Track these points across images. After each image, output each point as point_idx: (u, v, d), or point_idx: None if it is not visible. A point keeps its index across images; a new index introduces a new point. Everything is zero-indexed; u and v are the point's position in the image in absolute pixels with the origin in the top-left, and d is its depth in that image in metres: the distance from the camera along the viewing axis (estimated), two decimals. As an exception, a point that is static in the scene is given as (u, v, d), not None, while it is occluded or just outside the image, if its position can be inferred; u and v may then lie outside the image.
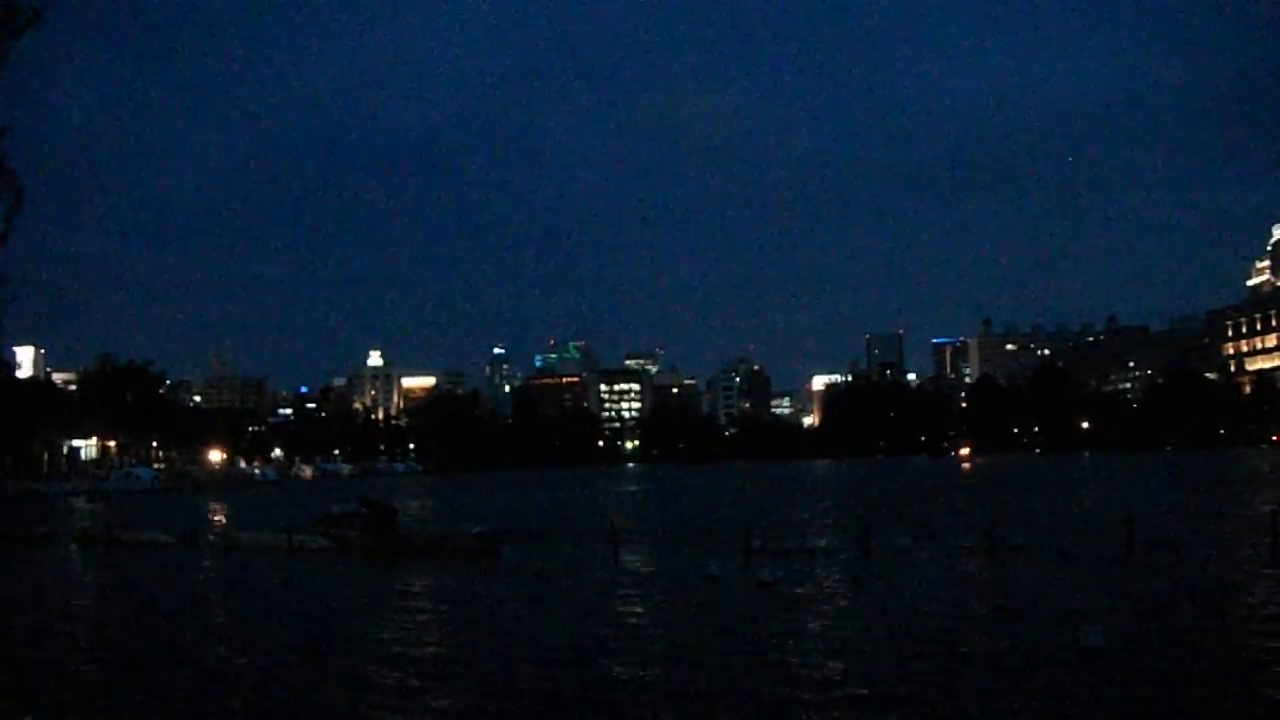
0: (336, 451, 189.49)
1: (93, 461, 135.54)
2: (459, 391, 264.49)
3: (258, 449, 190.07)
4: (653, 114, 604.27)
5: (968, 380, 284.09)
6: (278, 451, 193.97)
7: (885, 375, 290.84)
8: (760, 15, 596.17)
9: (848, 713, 12.63)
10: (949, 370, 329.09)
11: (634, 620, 19.53)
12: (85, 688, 15.11)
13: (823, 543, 32.38)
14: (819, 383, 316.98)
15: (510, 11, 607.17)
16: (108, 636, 19.85)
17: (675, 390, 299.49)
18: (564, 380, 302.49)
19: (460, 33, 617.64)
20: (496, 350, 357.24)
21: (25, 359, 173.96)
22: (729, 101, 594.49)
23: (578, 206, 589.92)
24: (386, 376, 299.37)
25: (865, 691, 13.55)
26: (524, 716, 12.92)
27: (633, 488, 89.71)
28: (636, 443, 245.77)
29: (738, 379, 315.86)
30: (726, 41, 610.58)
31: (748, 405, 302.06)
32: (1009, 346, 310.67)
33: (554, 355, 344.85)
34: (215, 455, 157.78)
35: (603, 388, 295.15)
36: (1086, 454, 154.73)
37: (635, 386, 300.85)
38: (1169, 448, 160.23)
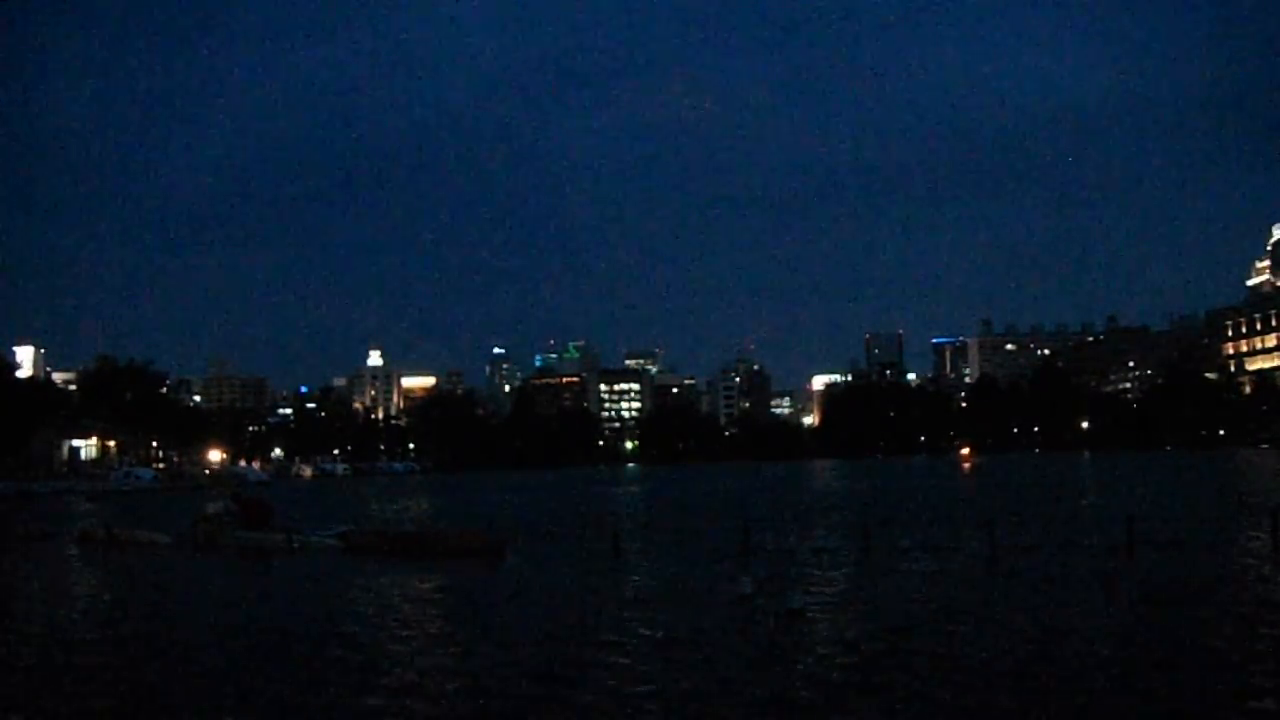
0: (336, 451, 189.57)
1: (93, 461, 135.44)
2: (459, 391, 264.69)
3: (258, 449, 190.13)
4: (653, 114, 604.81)
5: (968, 380, 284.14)
6: (278, 451, 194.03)
7: (885, 375, 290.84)
8: (762, 15, 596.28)
9: None
10: (949, 370, 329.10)
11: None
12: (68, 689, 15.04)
13: (828, 545, 32.22)
14: (819, 383, 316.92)
15: (510, 12, 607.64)
16: (91, 639, 19.79)
17: (675, 390, 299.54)
18: (564, 380, 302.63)
19: (460, 33, 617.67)
20: (496, 350, 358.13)
21: (25, 359, 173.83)
22: (729, 102, 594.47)
23: (577, 207, 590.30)
24: (386, 376, 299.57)
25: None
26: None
27: (633, 489, 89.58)
28: (636, 443, 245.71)
29: (738, 379, 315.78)
30: (727, 42, 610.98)
31: (748, 405, 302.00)
32: (1009, 346, 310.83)
33: (554, 355, 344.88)
34: (215, 455, 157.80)
35: (602, 388, 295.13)
36: (1086, 454, 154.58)
37: (635, 386, 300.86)
38: (1169, 448, 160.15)
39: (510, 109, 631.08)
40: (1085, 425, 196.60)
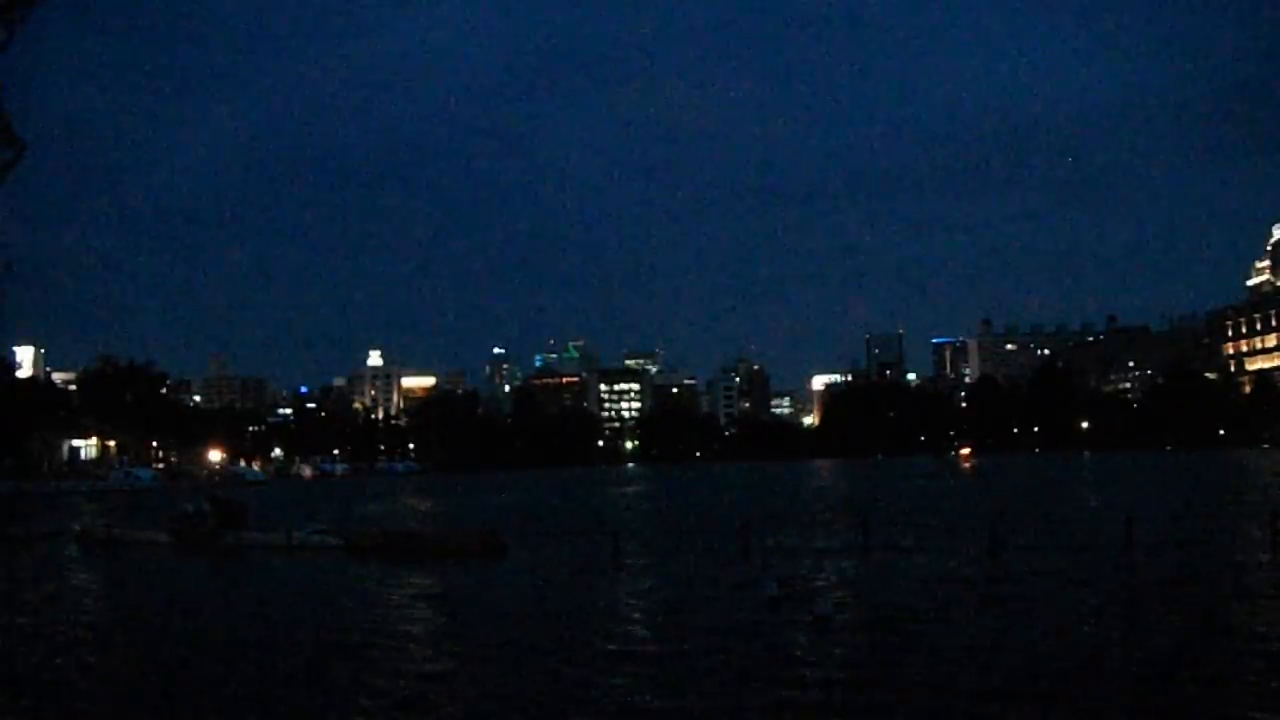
0: (336, 451, 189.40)
1: (93, 461, 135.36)
2: (459, 391, 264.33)
3: (258, 449, 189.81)
4: (652, 113, 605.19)
5: (968, 380, 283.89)
6: (278, 451, 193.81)
7: (885, 375, 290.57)
8: (762, 15, 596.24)
9: None
10: (949, 370, 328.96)
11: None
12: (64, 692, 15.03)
13: (830, 545, 32.16)
14: (819, 383, 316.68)
15: (509, 11, 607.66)
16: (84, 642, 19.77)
17: (675, 390, 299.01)
18: (564, 380, 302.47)
19: (459, 33, 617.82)
20: (496, 350, 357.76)
21: (25, 359, 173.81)
22: (729, 101, 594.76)
23: (577, 206, 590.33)
24: (386, 376, 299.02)
25: None
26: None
27: (633, 489, 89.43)
28: (636, 443, 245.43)
29: (738, 379, 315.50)
30: (727, 41, 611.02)
31: (748, 405, 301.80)
32: (1009, 346, 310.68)
33: (554, 355, 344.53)
34: (215, 455, 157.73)
35: (602, 388, 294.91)
36: (1086, 454, 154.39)
37: (635, 386, 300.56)
38: (1169, 448, 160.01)
39: (509, 109, 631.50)
40: (1085, 425, 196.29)
